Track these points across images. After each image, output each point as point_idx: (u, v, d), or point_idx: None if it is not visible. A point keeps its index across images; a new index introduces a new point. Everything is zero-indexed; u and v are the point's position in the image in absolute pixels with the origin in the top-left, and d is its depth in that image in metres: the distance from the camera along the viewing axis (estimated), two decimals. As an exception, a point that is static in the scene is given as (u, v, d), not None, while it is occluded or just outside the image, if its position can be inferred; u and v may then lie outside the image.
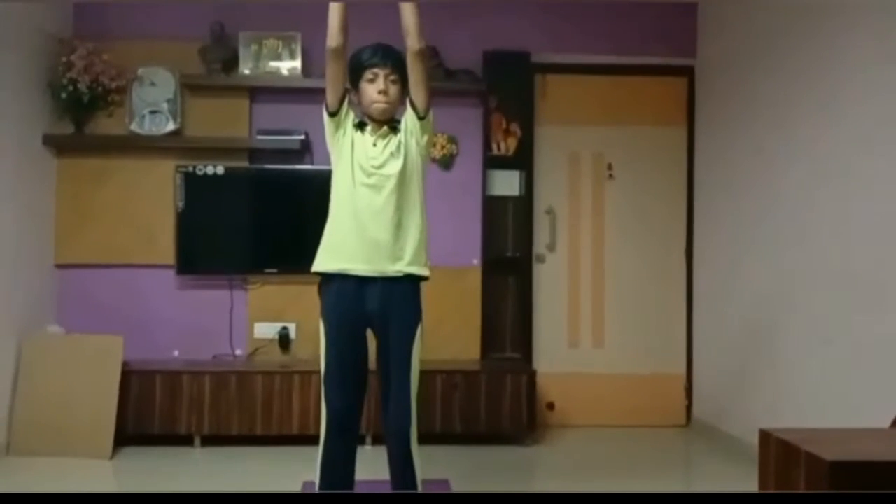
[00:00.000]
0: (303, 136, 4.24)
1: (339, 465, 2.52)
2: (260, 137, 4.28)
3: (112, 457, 3.73)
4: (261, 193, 4.31)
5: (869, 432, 2.17)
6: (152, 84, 4.25)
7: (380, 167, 2.51)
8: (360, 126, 2.58)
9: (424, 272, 2.56)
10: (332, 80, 2.52)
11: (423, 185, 2.58)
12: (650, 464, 3.89)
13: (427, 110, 2.55)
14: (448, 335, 4.29)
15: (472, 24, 4.39)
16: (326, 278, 2.55)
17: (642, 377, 4.55)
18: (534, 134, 4.53)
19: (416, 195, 2.55)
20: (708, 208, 4.42)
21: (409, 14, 2.46)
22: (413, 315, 2.54)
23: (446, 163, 4.40)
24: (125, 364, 3.86)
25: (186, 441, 3.92)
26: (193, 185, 4.20)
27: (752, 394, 3.81)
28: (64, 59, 4.07)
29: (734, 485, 3.44)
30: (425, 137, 2.58)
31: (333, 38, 2.47)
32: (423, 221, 2.56)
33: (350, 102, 2.59)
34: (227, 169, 4.23)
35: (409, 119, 2.57)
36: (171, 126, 4.23)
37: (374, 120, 2.57)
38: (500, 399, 4.03)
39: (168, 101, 4.24)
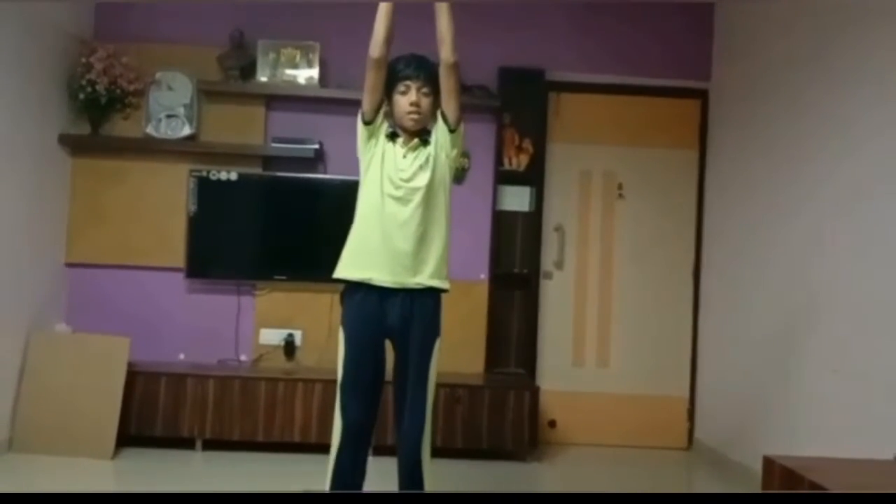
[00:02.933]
0: (317, 146, 4.27)
1: (349, 474, 2.52)
2: (274, 145, 4.31)
3: (113, 457, 3.74)
4: (273, 201, 4.33)
5: (874, 463, 2.17)
6: (170, 88, 4.29)
7: (408, 180, 2.53)
8: (392, 137, 2.59)
9: (445, 285, 2.57)
10: (371, 90, 2.53)
11: (449, 197, 2.59)
12: (649, 486, 3.88)
13: (458, 123, 2.56)
14: (453, 349, 4.26)
15: (488, 41, 4.42)
16: (349, 287, 2.56)
17: (645, 398, 4.54)
18: (546, 151, 4.55)
19: (442, 208, 2.56)
20: (717, 232, 4.42)
21: (445, 26, 2.48)
22: (433, 328, 2.55)
23: (458, 176, 4.41)
24: (131, 365, 3.88)
25: (188, 444, 3.93)
26: (206, 189, 4.23)
27: (757, 419, 3.79)
28: (83, 61, 4.12)
29: (735, 510, 3.42)
30: (455, 150, 2.59)
31: (377, 48, 2.48)
32: (447, 234, 2.57)
33: (384, 113, 2.60)
34: (240, 175, 4.26)
35: (439, 131, 2.58)
36: (186, 130, 4.27)
37: (405, 131, 2.58)
38: (503, 414, 4.02)
39: (185, 105, 4.28)
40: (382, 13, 2.48)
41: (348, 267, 2.55)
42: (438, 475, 2.76)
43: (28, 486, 3.34)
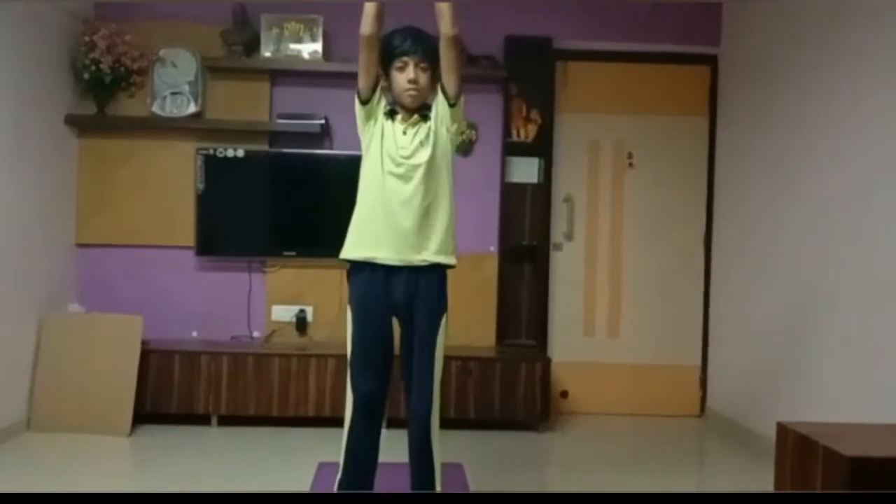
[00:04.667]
0: (323, 121, 4.24)
1: (364, 448, 2.53)
2: (280, 121, 4.29)
3: (130, 434, 3.78)
4: (280, 177, 4.32)
5: (889, 429, 2.16)
6: (174, 65, 4.26)
7: (409, 157, 2.50)
8: (391, 114, 2.56)
9: (451, 261, 2.56)
10: (365, 68, 2.49)
11: (451, 172, 2.56)
12: (663, 453, 3.89)
13: (458, 97, 2.52)
14: (464, 322, 4.28)
15: (494, 10, 4.36)
16: (355, 266, 2.56)
17: (657, 367, 4.54)
18: (554, 121, 4.51)
19: (445, 183, 2.53)
20: (728, 199, 4.38)
21: (445, 8, 2.42)
22: (438, 304, 2.54)
23: (465, 149, 4.38)
24: (144, 343, 3.91)
25: (203, 420, 3.97)
26: (214, 167, 4.22)
27: (769, 386, 3.79)
28: (86, 40, 4.09)
29: (748, 477, 3.44)
30: (455, 125, 2.56)
31: (368, 25, 2.44)
32: (452, 209, 2.55)
33: (382, 89, 2.56)
34: (247, 152, 4.24)
35: (439, 105, 2.54)
36: (192, 108, 4.25)
37: (404, 108, 2.55)
38: (515, 386, 4.04)
39: (189, 83, 4.25)
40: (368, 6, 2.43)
41: (353, 246, 2.55)
42: (452, 447, 2.79)
43: (47, 465, 3.39)
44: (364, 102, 2.53)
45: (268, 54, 4.28)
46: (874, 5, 3.11)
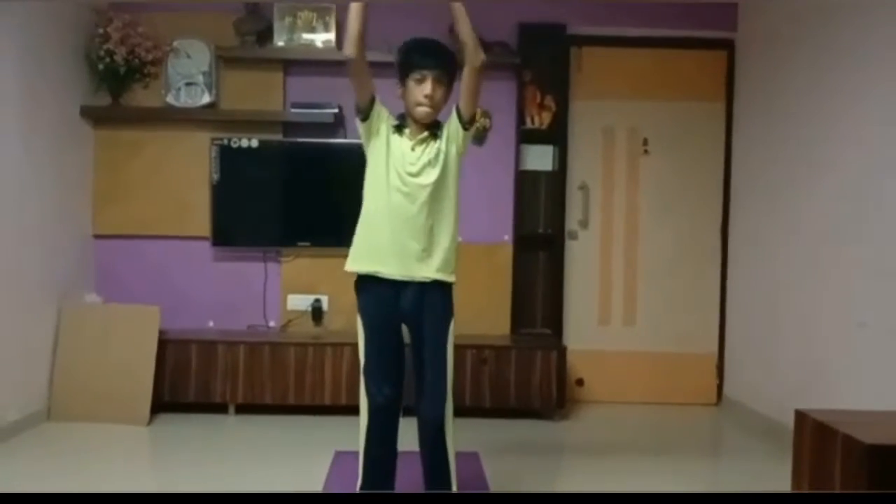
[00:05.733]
0: (336, 110, 4.24)
1: (381, 447, 2.55)
2: (294, 111, 4.29)
3: (149, 423, 3.82)
4: (295, 167, 4.33)
5: (908, 416, 2.14)
6: (188, 56, 4.27)
7: (415, 175, 2.48)
8: (399, 129, 2.53)
9: (451, 279, 2.55)
10: (357, 88, 2.46)
11: (457, 190, 2.54)
12: (679, 441, 3.88)
13: (473, 121, 2.52)
14: (479, 310, 4.29)
15: (507, -4, 4.33)
16: (361, 277, 2.55)
17: (673, 355, 4.52)
18: (568, 108, 4.48)
19: (451, 203, 2.52)
20: (745, 186, 4.34)
21: (466, 32, 2.41)
22: (445, 313, 2.53)
23: (480, 137, 4.36)
24: (162, 333, 3.94)
25: (221, 409, 4.00)
26: (228, 157, 4.23)
27: (786, 374, 3.76)
28: (101, 31, 4.11)
29: (766, 465, 3.42)
30: (465, 147, 2.55)
31: (351, 46, 2.39)
32: (455, 228, 2.54)
33: (399, 97, 2.53)
34: (261, 142, 4.25)
35: (452, 125, 2.52)
36: (206, 98, 4.26)
37: (414, 121, 2.52)
38: (530, 374, 4.03)
39: (203, 73, 4.26)
40: (354, 11, 2.39)
41: (358, 260, 2.54)
42: (468, 435, 2.79)
43: (66, 455, 3.43)
44: (364, 119, 2.50)
45: (281, 44, 4.27)
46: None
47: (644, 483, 3.15)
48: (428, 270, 2.49)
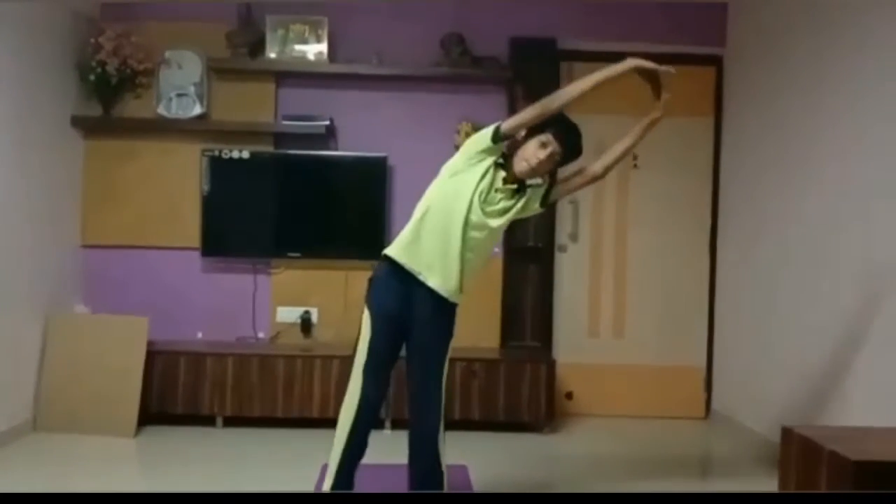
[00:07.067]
0: (328, 122, 4.25)
1: (360, 449, 2.58)
2: (285, 122, 4.29)
3: (136, 435, 3.79)
4: (285, 178, 4.33)
5: (894, 431, 2.15)
6: (179, 67, 4.27)
7: (487, 214, 2.54)
8: (502, 166, 2.57)
9: (460, 301, 2.61)
10: (524, 123, 2.55)
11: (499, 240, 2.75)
12: (667, 455, 3.88)
13: (549, 206, 2.71)
14: (468, 323, 4.19)
15: (498, 11, 4.35)
16: (387, 271, 2.56)
17: (662, 369, 4.53)
18: (559, 122, 4.49)
19: (490, 250, 2.67)
20: (733, 201, 4.37)
21: (622, 151, 2.74)
22: (449, 333, 2.61)
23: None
24: (150, 344, 3.91)
25: (209, 421, 3.98)
26: (219, 169, 4.23)
27: (774, 389, 3.78)
28: (92, 41, 4.11)
29: (753, 480, 3.43)
30: (524, 215, 2.67)
31: (560, 104, 2.61)
32: (480, 271, 2.65)
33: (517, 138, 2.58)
34: (252, 153, 4.25)
35: (533, 198, 2.63)
36: (197, 110, 4.26)
37: (511, 169, 2.57)
38: (519, 387, 4.03)
39: (195, 84, 4.27)
40: (586, 84, 2.66)
41: (402, 254, 2.54)
42: (456, 448, 2.79)
43: (52, 465, 3.40)
44: (497, 141, 2.53)
45: (273, 55, 4.28)
46: (877, 2, 3.10)
47: (632, 497, 3.15)
48: (443, 291, 2.54)
